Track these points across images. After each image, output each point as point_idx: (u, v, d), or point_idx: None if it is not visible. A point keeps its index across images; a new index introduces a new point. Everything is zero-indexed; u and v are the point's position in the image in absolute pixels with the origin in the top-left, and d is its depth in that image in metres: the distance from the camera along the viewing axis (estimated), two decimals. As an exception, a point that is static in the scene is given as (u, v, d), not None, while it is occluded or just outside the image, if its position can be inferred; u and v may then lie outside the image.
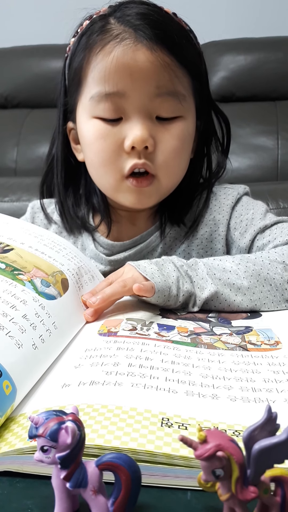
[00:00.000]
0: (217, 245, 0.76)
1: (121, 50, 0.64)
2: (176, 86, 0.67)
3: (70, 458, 0.27)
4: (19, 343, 0.43)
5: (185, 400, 0.38)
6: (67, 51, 0.74)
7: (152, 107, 0.67)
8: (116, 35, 0.65)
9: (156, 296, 0.59)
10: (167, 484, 0.32)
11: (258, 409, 0.37)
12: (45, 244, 0.61)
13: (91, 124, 0.69)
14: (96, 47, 0.66)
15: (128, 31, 0.65)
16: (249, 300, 0.62)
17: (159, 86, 0.66)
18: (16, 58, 2.05)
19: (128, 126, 0.67)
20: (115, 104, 0.66)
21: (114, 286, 0.59)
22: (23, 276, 0.52)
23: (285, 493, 0.27)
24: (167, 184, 0.72)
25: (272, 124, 1.84)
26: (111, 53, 0.65)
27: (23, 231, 0.63)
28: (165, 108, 0.67)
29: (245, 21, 2.03)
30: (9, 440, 0.34)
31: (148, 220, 0.79)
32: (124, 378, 0.40)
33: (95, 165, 0.72)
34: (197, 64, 0.71)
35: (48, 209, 0.83)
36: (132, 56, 0.64)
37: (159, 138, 0.68)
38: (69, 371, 0.44)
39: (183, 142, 0.71)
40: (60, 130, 0.77)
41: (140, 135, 0.66)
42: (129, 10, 0.67)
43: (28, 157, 1.91)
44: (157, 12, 0.68)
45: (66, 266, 0.60)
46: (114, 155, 0.68)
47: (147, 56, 0.65)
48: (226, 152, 0.80)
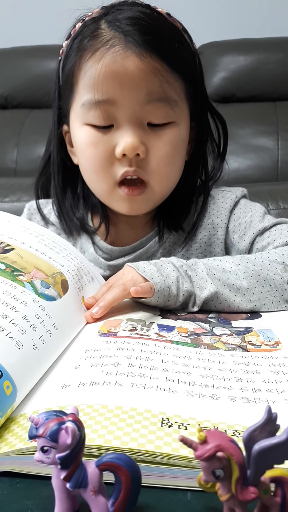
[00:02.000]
0: (216, 249, 0.76)
1: (111, 57, 0.64)
2: (167, 92, 0.66)
3: (70, 459, 0.27)
4: (20, 344, 0.43)
5: (185, 400, 0.38)
6: (61, 53, 0.73)
7: (143, 114, 0.66)
8: (106, 42, 0.65)
9: (156, 297, 0.59)
10: (167, 484, 0.32)
11: (258, 410, 0.37)
12: (46, 244, 0.61)
13: (83, 131, 0.69)
14: (87, 53, 0.66)
15: (118, 37, 0.64)
16: (248, 300, 0.62)
17: (149, 93, 0.65)
18: (16, 59, 2.05)
19: (119, 134, 0.66)
20: (105, 111, 0.66)
21: (114, 291, 0.59)
22: (23, 277, 0.52)
23: (285, 494, 0.27)
24: (160, 191, 0.72)
25: (272, 124, 1.84)
26: (100, 60, 0.64)
27: (24, 229, 0.63)
28: (156, 114, 0.67)
29: (245, 21, 2.03)
30: (9, 441, 0.35)
31: (147, 225, 0.79)
32: (124, 379, 0.40)
33: (88, 172, 0.72)
34: (190, 67, 0.70)
35: (45, 210, 0.83)
36: (121, 63, 0.64)
37: (151, 145, 0.67)
38: (69, 372, 0.44)
39: (175, 148, 0.70)
40: (56, 133, 0.77)
41: (131, 143, 0.65)
42: (120, 13, 0.66)
43: (28, 158, 1.91)
44: (149, 15, 0.67)
45: (66, 267, 0.60)
46: (106, 162, 0.68)
47: (136, 63, 0.64)
48: (223, 153, 0.79)
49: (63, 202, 0.79)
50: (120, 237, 0.80)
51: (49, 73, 1.93)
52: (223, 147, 0.79)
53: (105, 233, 0.79)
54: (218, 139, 0.79)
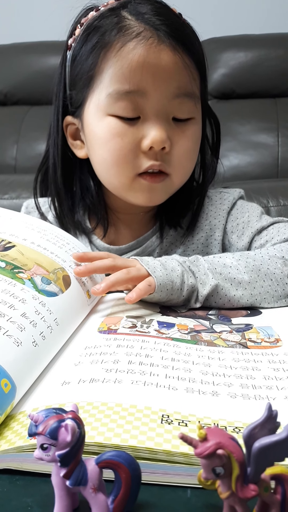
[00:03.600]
0: (213, 250, 0.77)
1: (145, 48, 0.64)
2: (193, 87, 0.68)
3: (70, 456, 0.27)
4: (18, 341, 0.43)
5: (185, 397, 0.38)
6: (72, 42, 0.72)
7: (170, 108, 0.67)
8: (137, 33, 0.65)
9: (159, 291, 0.59)
10: (167, 482, 0.32)
11: (258, 406, 0.37)
12: (48, 239, 0.61)
13: (106, 122, 0.68)
14: (115, 44, 0.65)
15: (149, 29, 0.65)
16: (249, 294, 0.62)
17: (179, 87, 0.66)
18: (16, 55, 2.04)
19: (147, 126, 0.67)
20: (134, 103, 0.66)
21: (118, 274, 0.59)
22: (23, 274, 0.52)
23: (285, 491, 0.27)
24: (177, 183, 0.73)
25: (272, 121, 1.84)
26: (133, 51, 0.64)
27: (26, 225, 0.62)
28: (182, 109, 0.68)
29: (246, 17, 2.03)
30: (9, 438, 0.34)
31: (145, 224, 0.79)
32: (124, 376, 0.40)
33: (107, 164, 0.71)
34: (205, 66, 0.72)
35: (42, 208, 0.82)
36: (156, 55, 0.64)
37: (175, 140, 0.68)
38: (69, 369, 0.44)
39: (196, 143, 0.72)
40: (59, 125, 0.76)
41: (159, 136, 0.66)
42: (142, 7, 0.67)
43: (28, 155, 1.91)
44: (170, 11, 0.68)
45: (68, 262, 0.60)
46: (131, 154, 0.68)
47: (171, 56, 0.64)
48: (217, 153, 0.80)
49: (62, 200, 0.78)
50: (118, 236, 0.79)
51: (49, 70, 1.92)
52: (216, 144, 0.80)
53: (102, 233, 0.78)
54: (212, 138, 0.79)
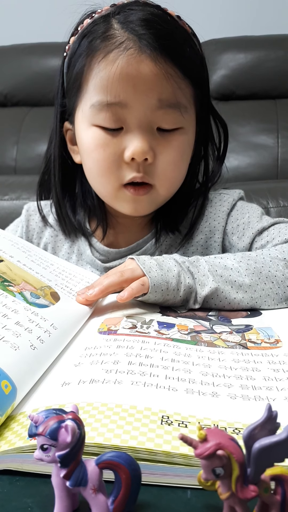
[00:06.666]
0: (213, 252, 0.77)
1: (125, 60, 0.63)
2: (179, 98, 0.66)
3: (70, 457, 0.27)
4: (15, 345, 0.43)
5: (185, 398, 0.38)
6: (67, 49, 0.72)
7: (154, 119, 0.66)
8: (120, 43, 0.64)
9: (153, 292, 0.59)
10: (167, 482, 0.32)
11: (258, 407, 0.37)
12: (33, 260, 0.62)
13: (91, 132, 0.68)
14: (99, 54, 0.65)
15: (132, 39, 0.64)
16: (250, 297, 0.62)
17: (161, 99, 0.65)
18: (16, 56, 2.04)
19: (129, 137, 0.66)
20: (116, 114, 0.65)
21: (111, 277, 0.59)
22: (13, 288, 0.52)
23: (285, 492, 0.26)
24: (164, 194, 0.72)
25: (272, 122, 1.84)
26: (114, 62, 0.63)
27: (12, 244, 0.64)
28: (166, 120, 0.67)
29: (246, 19, 2.03)
30: (9, 439, 0.34)
31: (144, 227, 0.79)
32: (124, 376, 0.40)
33: (93, 173, 0.71)
34: (199, 72, 0.70)
35: (44, 211, 0.82)
36: (136, 67, 0.63)
37: (159, 150, 0.67)
38: (69, 370, 0.44)
39: (183, 153, 0.70)
40: (57, 130, 0.76)
41: (140, 147, 0.65)
42: (132, 14, 0.65)
43: (28, 156, 1.91)
44: (162, 18, 0.66)
45: (54, 281, 0.60)
46: (113, 165, 0.68)
47: (151, 67, 0.63)
48: (223, 157, 0.79)
49: (63, 202, 0.78)
50: (118, 239, 0.80)
51: (49, 71, 1.93)
52: (223, 150, 0.79)
53: (102, 235, 0.78)
54: (219, 143, 0.79)
